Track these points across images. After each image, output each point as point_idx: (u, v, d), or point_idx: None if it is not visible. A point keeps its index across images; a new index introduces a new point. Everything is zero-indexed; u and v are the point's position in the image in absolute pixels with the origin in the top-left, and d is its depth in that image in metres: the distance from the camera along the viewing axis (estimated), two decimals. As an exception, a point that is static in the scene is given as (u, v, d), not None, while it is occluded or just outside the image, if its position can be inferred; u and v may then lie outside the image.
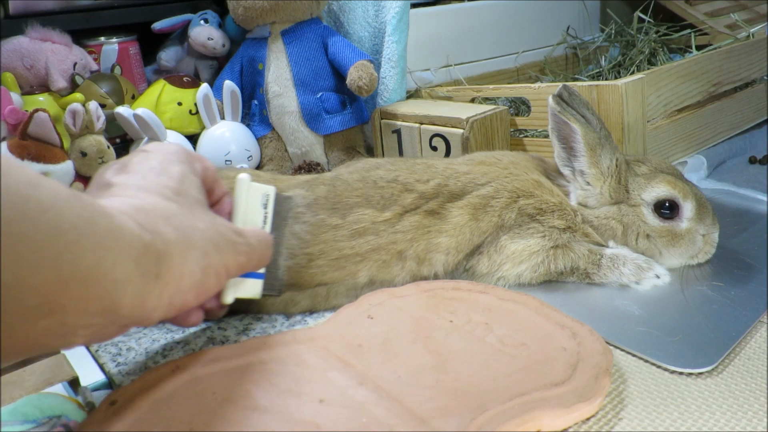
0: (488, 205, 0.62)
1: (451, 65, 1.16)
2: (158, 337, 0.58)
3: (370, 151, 1.00)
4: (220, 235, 0.43)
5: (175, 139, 0.91)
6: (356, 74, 0.89)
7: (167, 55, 1.11)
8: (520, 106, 1.01)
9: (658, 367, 0.49)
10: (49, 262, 0.30)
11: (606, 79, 1.16)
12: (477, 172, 0.65)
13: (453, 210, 0.61)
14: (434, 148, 0.84)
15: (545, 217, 0.62)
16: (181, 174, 0.46)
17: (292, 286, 0.59)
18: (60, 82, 0.87)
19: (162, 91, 0.97)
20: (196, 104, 0.95)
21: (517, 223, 0.61)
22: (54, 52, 0.88)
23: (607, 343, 0.50)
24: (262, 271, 0.54)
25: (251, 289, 0.53)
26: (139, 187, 0.42)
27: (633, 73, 1.13)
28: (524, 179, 0.64)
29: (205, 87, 0.95)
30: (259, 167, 1.00)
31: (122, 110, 0.84)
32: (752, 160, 0.96)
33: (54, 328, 0.32)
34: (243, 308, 0.60)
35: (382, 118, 0.92)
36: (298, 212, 0.60)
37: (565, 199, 0.65)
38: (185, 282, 0.40)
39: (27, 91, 0.86)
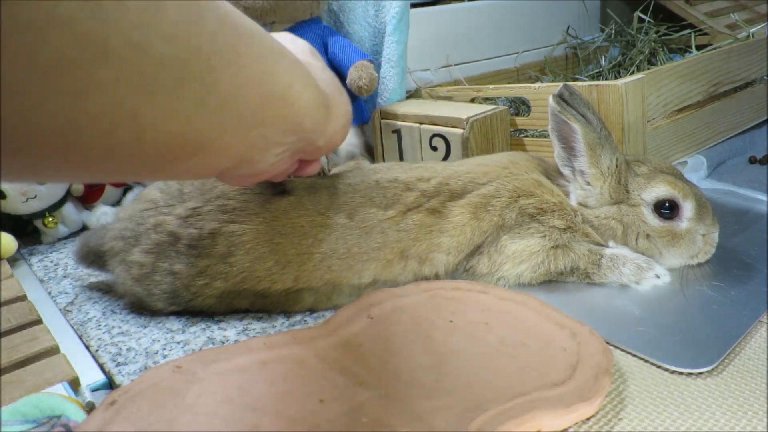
0: (489, 204, 0.62)
1: (451, 65, 1.16)
2: (158, 337, 0.58)
3: (370, 151, 1.00)
4: (340, 86, 0.51)
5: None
6: (356, 74, 0.89)
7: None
8: (520, 106, 1.01)
9: (658, 367, 0.49)
10: (256, 79, 0.35)
11: (606, 79, 1.16)
12: (477, 172, 0.65)
13: (454, 209, 0.61)
14: (434, 148, 0.84)
15: (545, 217, 0.62)
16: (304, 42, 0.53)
17: (303, 288, 0.59)
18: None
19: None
20: (196, 104, 0.95)
21: (517, 223, 0.61)
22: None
23: (607, 343, 0.50)
24: None
25: None
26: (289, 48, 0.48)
27: (633, 73, 1.13)
28: (524, 179, 0.64)
29: (205, 87, 0.95)
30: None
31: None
32: (752, 160, 0.96)
33: (259, 141, 0.38)
34: (243, 307, 0.60)
35: (382, 118, 0.92)
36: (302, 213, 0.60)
37: (565, 199, 0.65)
38: (341, 121, 0.48)
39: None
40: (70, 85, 0.25)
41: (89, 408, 0.45)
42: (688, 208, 0.62)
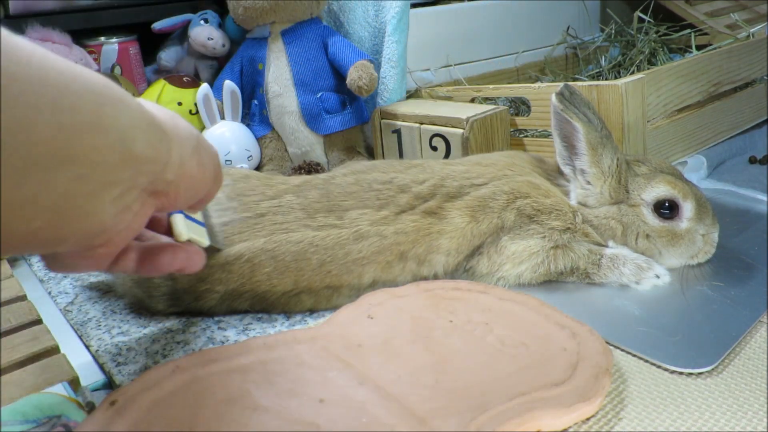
0: (487, 206, 0.62)
1: (451, 65, 1.16)
2: (158, 337, 0.58)
3: (370, 151, 1.00)
4: (175, 114, 0.42)
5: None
6: (356, 74, 0.89)
7: (167, 55, 1.11)
8: (520, 106, 1.01)
9: (658, 367, 0.49)
10: (46, 107, 0.28)
11: (606, 79, 1.16)
12: (474, 172, 0.65)
13: (452, 211, 0.61)
14: (434, 148, 0.84)
15: (543, 218, 0.62)
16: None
17: (303, 290, 0.59)
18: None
19: (162, 91, 0.97)
20: (196, 104, 0.95)
21: (516, 224, 0.61)
22: (54, 52, 0.88)
23: (607, 343, 0.50)
24: (200, 219, 0.53)
25: (200, 232, 0.51)
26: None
27: (633, 73, 1.13)
28: (520, 180, 0.64)
29: (205, 87, 0.95)
30: (259, 167, 1.00)
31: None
32: (752, 160, 0.96)
33: (77, 184, 0.30)
34: (243, 308, 0.60)
35: (382, 118, 0.92)
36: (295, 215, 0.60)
37: (563, 199, 0.65)
38: (186, 146, 0.38)
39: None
40: None
41: (89, 408, 0.45)
42: (688, 208, 0.62)
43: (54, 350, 0.53)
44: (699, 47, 1.17)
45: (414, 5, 1.08)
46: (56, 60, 0.30)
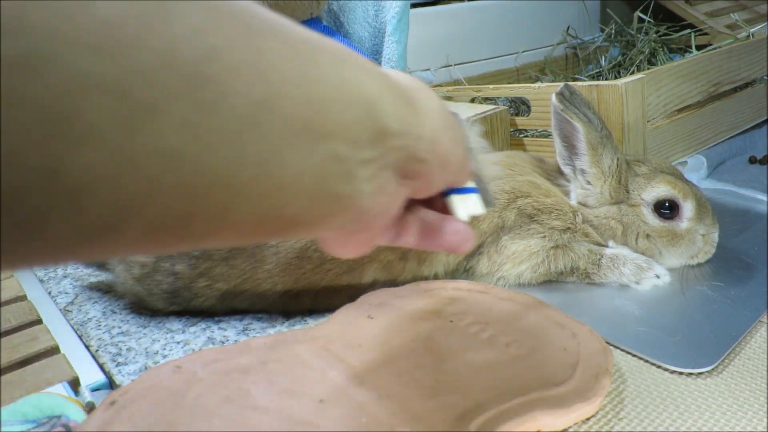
0: None
1: (451, 65, 1.16)
2: (158, 337, 0.58)
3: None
4: (419, 80, 0.38)
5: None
6: (356, 74, 0.89)
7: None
8: (520, 106, 1.01)
9: (658, 367, 0.49)
10: (293, 79, 0.25)
11: (606, 79, 1.16)
12: None
13: None
14: (434, 148, 0.84)
15: (543, 217, 0.62)
16: None
17: (303, 289, 0.59)
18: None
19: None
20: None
21: (517, 224, 0.61)
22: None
23: (607, 343, 0.50)
24: (472, 185, 0.52)
25: (475, 204, 0.50)
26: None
27: (633, 73, 1.13)
28: (520, 180, 0.64)
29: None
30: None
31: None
32: (752, 160, 0.96)
33: (332, 164, 0.27)
34: (243, 308, 0.60)
35: (382, 118, 0.92)
36: None
37: (563, 199, 0.65)
38: (437, 119, 0.34)
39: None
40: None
41: (89, 408, 0.45)
42: (688, 208, 0.62)
43: (54, 350, 0.53)
44: (699, 47, 1.17)
45: (414, 5, 1.08)
46: (297, 29, 0.27)
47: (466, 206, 0.48)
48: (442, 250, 0.41)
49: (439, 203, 0.43)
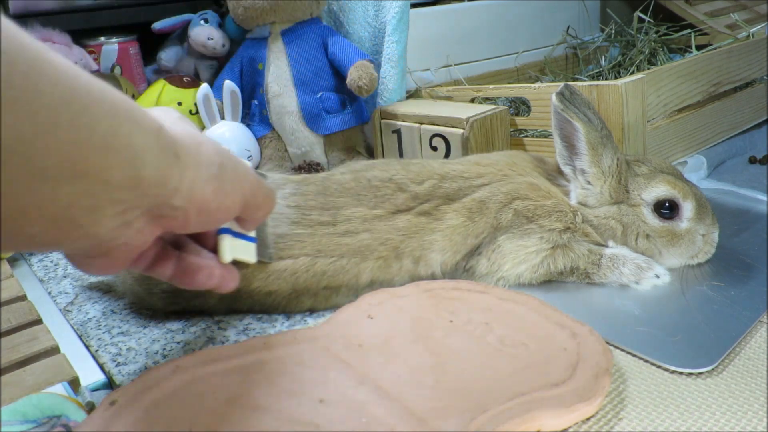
0: (484, 207, 0.62)
1: (451, 65, 1.16)
2: (158, 337, 0.58)
3: (370, 151, 1.00)
4: (202, 136, 0.42)
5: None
6: (356, 74, 0.89)
7: (167, 55, 1.11)
8: (520, 106, 1.01)
9: (658, 367, 0.49)
10: (65, 123, 0.29)
11: (606, 79, 1.16)
12: (473, 172, 0.65)
13: (448, 212, 0.61)
14: (434, 148, 0.84)
15: (542, 219, 0.62)
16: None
17: (301, 291, 0.59)
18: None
19: (162, 91, 0.97)
20: (196, 104, 0.95)
21: (514, 224, 0.61)
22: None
23: (607, 343, 0.50)
24: (253, 235, 0.53)
25: (246, 251, 0.51)
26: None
27: (633, 73, 1.13)
28: (519, 181, 0.64)
29: (205, 87, 0.95)
30: (258, 167, 1.00)
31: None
32: (752, 160, 0.96)
33: (80, 198, 0.31)
34: (243, 308, 0.60)
35: (382, 118, 0.92)
36: (288, 209, 0.60)
37: (563, 200, 0.65)
38: (203, 172, 0.38)
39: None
40: None
41: (89, 408, 0.45)
42: (688, 208, 0.62)
43: (54, 350, 0.53)
44: (699, 47, 1.17)
45: (414, 5, 1.08)
46: (83, 78, 0.31)
47: (233, 250, 0.49)
48: (198, 288, 0.47)
49: (212, 241, 0.48)
